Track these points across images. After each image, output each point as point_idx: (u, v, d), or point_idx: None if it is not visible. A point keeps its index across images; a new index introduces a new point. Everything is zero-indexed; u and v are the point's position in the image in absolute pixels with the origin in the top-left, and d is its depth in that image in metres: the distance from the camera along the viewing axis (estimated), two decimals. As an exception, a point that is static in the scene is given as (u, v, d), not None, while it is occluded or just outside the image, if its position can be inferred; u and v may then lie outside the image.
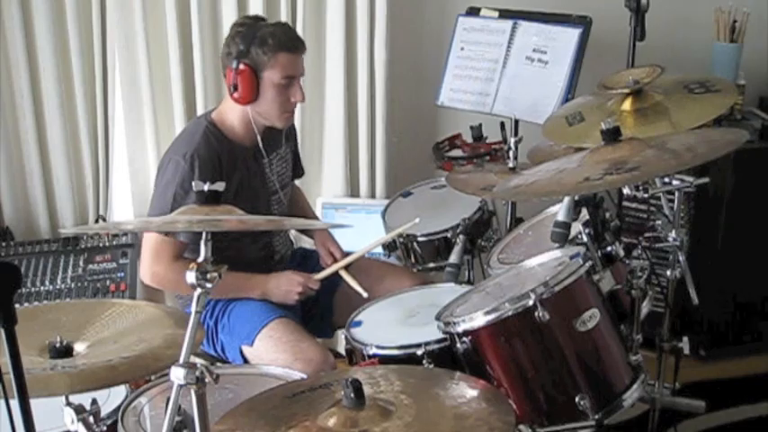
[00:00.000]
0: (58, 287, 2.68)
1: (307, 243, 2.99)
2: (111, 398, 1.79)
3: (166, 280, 2.30)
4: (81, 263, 2.77)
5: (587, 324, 1.77)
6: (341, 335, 2.40)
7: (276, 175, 2.48)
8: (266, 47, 2.24)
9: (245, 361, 2.26)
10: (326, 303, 2.53)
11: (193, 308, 1.39)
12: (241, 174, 2.34)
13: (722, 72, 3.21)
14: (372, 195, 3.16)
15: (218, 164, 2.27)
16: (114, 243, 2.84)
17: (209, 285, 1.39)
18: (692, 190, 2.21)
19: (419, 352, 1.89)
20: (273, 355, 2.19)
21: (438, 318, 1.90)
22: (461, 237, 2.46)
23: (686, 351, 2.32)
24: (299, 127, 2.88)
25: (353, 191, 3.18)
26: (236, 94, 2.27)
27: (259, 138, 2.37)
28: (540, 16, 2.79)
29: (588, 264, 1.84)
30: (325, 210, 3.11)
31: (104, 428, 1.56)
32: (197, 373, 1.34)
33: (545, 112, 2.57)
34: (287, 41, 2.27)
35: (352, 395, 1.42)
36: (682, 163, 1.76)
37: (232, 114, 2.34)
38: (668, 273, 2.28)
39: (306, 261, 2.61)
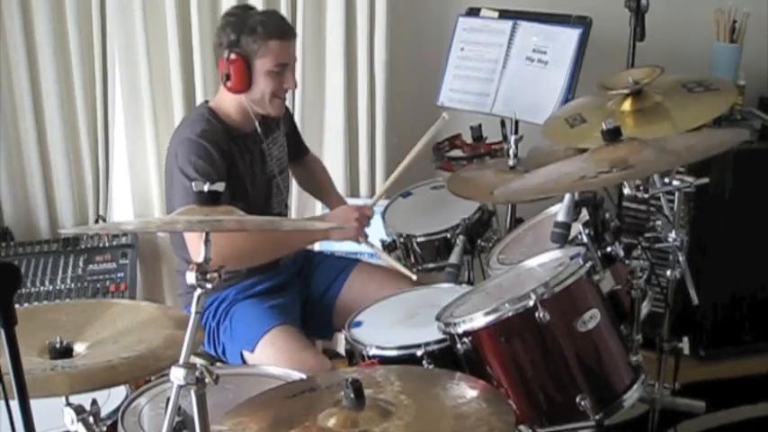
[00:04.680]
0: (57, 287, 2.69)
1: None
2: (111, 398, 1.79)
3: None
4: (81, 263, 2.77)
5: (587, 324, 1.77)
6: (341, 335, 2.40)
7: (274, 160, 2.48)
8: (256, 35, 2.25)
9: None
10: (327, 305, 2.52)
11: (193, 308, 1.39)
12: (245, 159, 2.35)
13: (722, 72, 3.21)
14: (372, 195, 3.15)
15: (225, 146, 2.28)
16: (114, 243, 2.85)
17: (209, 285, 1.39)
18: (692, 190, 2.21)
19: (419, 352, 1.89)
20: (273, 362, 2.17)
21: (438, 318, 1.90)
22: (461, 237, 2.45)
23: (686, 351, 2.32)
24: (299, 125, 2.87)
25: (353, 191, 3.18)
26: (229, 84, 2.29)
27: (257, 123, 2.38)
28: (540, 16, 2.79)
29: (588, 264, 1.83)
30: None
31: (104, 429, 1.56)
32: (197, 374, 1.34)
33: (545, 112, 2.56)
34: (277, 29, 2.29)
35: (352, 395, 1.42)
36: (681, 159, 1.76)
37: (228, 103, 2.36)
38: (668, 273, 2.27)
39: (308, 262, 2.60)
